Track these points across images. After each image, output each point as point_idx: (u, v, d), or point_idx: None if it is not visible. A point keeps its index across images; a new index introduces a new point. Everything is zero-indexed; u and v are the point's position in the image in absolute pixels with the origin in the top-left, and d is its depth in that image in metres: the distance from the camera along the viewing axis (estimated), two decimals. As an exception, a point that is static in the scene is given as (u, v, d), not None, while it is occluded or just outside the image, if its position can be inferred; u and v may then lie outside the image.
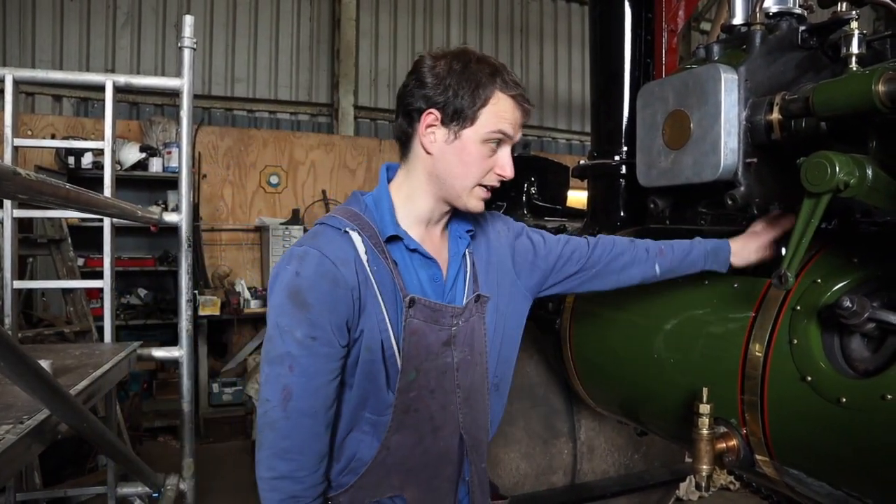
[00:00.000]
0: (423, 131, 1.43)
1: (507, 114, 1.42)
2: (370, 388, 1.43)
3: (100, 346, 2.50)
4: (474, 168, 1.43)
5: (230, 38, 7.39)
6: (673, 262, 1.74)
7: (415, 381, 1.44)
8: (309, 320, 1.34)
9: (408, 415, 1.45)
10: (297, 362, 1.34)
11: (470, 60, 1.41)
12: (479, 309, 1.56)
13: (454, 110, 1.40)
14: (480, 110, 1.40)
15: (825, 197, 1.30)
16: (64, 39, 6.73)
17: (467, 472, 1.56)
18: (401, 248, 1.47)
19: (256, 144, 7.08)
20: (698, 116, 1.67)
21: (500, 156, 1.46)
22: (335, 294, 1.35)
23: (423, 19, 8.38)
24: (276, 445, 1.36)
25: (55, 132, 6.27)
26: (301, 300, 1.34)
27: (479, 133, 1.41)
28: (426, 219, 1.51)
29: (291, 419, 1.35)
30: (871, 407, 1.27)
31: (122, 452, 2.13)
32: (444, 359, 1.48)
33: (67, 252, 4.67)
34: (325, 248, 1.37)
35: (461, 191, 1.45)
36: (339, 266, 1.36)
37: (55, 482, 3.78)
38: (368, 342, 1.39)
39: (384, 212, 1.47)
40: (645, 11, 2.44)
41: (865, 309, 1.29)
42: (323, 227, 1.45)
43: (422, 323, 1.43)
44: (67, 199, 1.27)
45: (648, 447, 2.88)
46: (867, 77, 1.27)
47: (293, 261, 1.38)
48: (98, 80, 2.65)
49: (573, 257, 1.71)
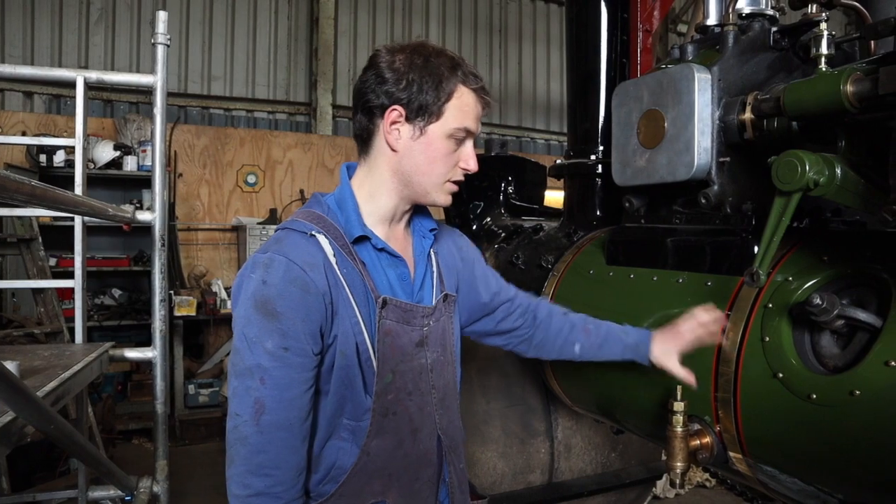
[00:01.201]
0: (387, 128, 1.40)
1: (471, 108, 1.41)
2: (347, 393, 1.39)
3: (70, 346, 2.45)
4: (441, 164, 1.42)
5: (207, 36, 7.32)
6: (593, 347, 1.76)
7: (392, 383, 1.42)
8: (280, 330, 1.29)
9: (387, 418, 1.42)
10: (268, 374, 1.29)
11: (430, 54, 1.39)
12: (448, 309, 1.55)
13: (419, 106, 1.37)
14: (445, 105, 1.38)
15: (796, 195, 1.31)
16: (35, 35, 6.62)
17: (447, 473, 1.55)
18: (368, 249, 1.44)
19: (233, 143, 7.01)
20: (672, 115, 1.69)
21: (465, 149, 1.45)
22: (306, 301, 1.31)
23: (402, 19, 8.37)
24: (250, 461, 1.30)
25: (26, 129, 6.16)
26: (270, 309, 1.29)
27: (444, 128, 1.39)
28: (389, 217, 1.48)
29: (265, 433, 1.30)
30: (840, 403, 1.29)
31: (93, 455, 2.09)
32: (418, 360, 1.46)
33: (38, 251, 4.58)
34: (291, 253, 1.33)
35: (430, 187, 1.44)
36: (309, 271, 1.31)
37: (25, 487, 3.70)
38: (343, 347, 1.36)
39: (349, 212, 1.43)
40: (621, 12, 2.45)
41: (835, 306, 1.31)
42: (287, 231, 1.40)
43: (394, 324, 1.41)
44: (33, 195, 1.24)
45: (625, 445, 2.90)
46: (835, 77, 1.29)
47: (258, 269, 1.32)
48: (69, 75, 2.60)
49: (515, 313, 1.76)
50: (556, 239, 2.49)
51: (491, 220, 3.04)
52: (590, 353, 1.77)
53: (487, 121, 8.93)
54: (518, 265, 2.54)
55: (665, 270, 1.87)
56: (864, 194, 1.31)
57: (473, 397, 2.62)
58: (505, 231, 2.87)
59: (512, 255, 2.61)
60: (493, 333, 1.78)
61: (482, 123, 1.51)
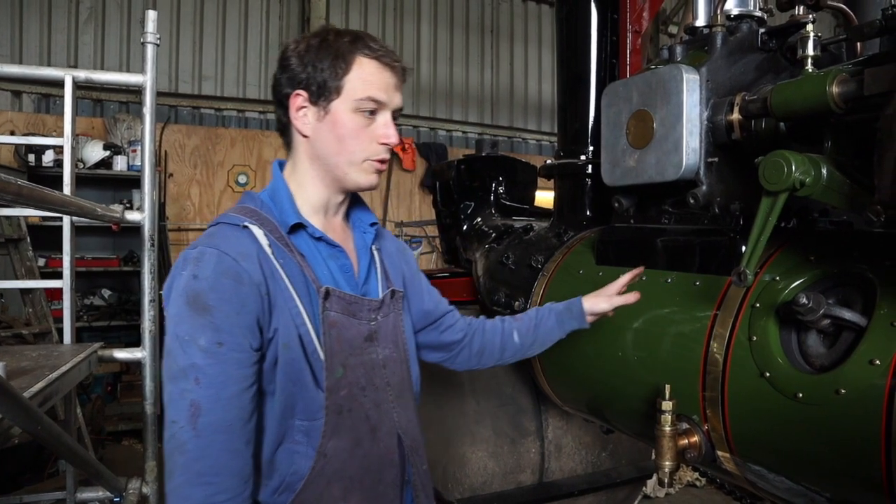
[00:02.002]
0: (294, 115, 1.39)
1: (374, 77, 1.36)
2: (296, 390, 1.33)
3: (59, 347, 2.43)
4: (351, 141, 1.37)
5: (197, 36, 7.30)
6: (529, 329, 1.79)
7: (343, 377, 1.36)
8: (213, 325, 1.22)
9: (342, 416, 1.35)
10: (203, 373, 1.21)
11: (328, 34, 1.37)
12: (396, 305, 1.51)
13: (318, 85, 1.35)
14: (344, 79, 1.35)
15: (782, 195, 1.32)
16: (24, 34, 6.58)
17: (410, 474, 1.49)
18: (305, 239, 1.40)
19: (224, 143, 7.00)
20: (661, 116, 1.69)
21: (379, 123, 1.39)
22: (240, 292, 1.25)
23: (394, 19, 8.37)
24: (189, 470, 1.20)
25: (14, 129, 6.12)
26: (201, 304, 1.22)
27: (348, 103, 1.36)
28: (322, 207, 1.45)
29: (203, 437, 1.20)
30: (826, 401, 1.30)
31: (81, 456, 2.07)
32: (369, 355, 1.42)
33: (26, 251, 4.56)
34: (222, 244, 1.27)
35: (347, 168, 1.39)
36: (241, 261, 1.26)
37: (13, 489, 3.68)
38: (285, 339, 1.30)
39: (283, 202, 1.40)
40: (610, 12, 2.46)
41: (821, 306, 1.32)
42: (218, 226, 1.35)
43: (340, 315, 1.36)
44: (19, 195, 1.23)
45: (615, 445, 2.90)
46: (822, 78, 1.30)
47: (188, 265, 1.26)
48: (57, 74, 2.58)
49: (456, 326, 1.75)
50: (546, 239, 2.50)
51: (481, 220, 3.05)
52: (529, 336, 1.78)
53: (479, 121, 8.95)
54: (508, 265, 2.54)
55: (654, 270, 1.87)
56: (850, 194, 1.32)
57: (464, 398, 2.62)
58: (495, 231, 2.87)
59: (502, 255, 2.61)
60: (437, 346, 1.75)
61: (473, 124, 1.51)
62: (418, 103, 8.57)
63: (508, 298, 2.44)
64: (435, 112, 8.67)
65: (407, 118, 8.49)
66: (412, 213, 8.43)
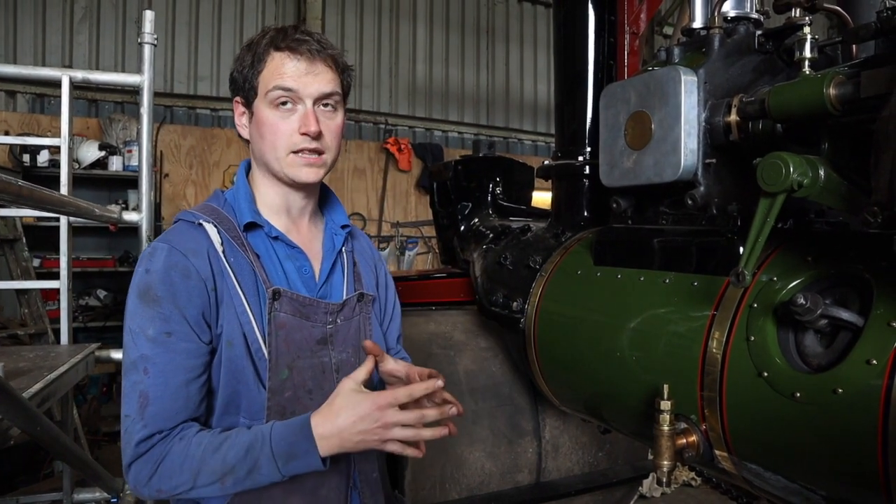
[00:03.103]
0: (238, 121, 1.44)
1: (284, 67, 1.35)
2: (239, 387, 1.33)
3: (56, 348, 2.43)
4: (271, 136, 1.37)
5: (193, 36, 7.28)
6: None
7: (288, 379, 1.36)
8: (161, 315, 1.25)
9: (284, 417, 1.34)
10: (151, 363, 1.24)
11: (260, 36, 1.39)
12: (364, 308, 1.49)
13: (244, 89, 1.38)
14: (259, 77, 1.37)
15: (780, 197, 1.33)
16: (18, 33, 6.55)
17: (357, 481, 1.47)
18: (262, 238, 1.41)
19: (220, 143, 6.98)
20: (659, 117, 1.70)
21: (299, 114, 1.37)
22: (187, 285, 1.28)
23: (390, 20, 8.37)
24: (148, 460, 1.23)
25: (9, 129, 6.10)
26: (152, 296, 1.26)
27: (263, 99, 1.37)
28: (283, 208, 1.46)
29: (150, 426, 1.23)
30: (824, 401, 1.31)
31: (79, 457, 2.07)
32: (320, 358, 1.41)
33: (22, 252, 4.54)
34: (174, 240, 1.32)
35: (276, 163, 1.39)
36: (190, 257, 1.30)
37: (8, 490, 3.67)
38: (229, 336, 1.31)
39: (241, 201, 1.42)
40: (608, 14, 2.47)
41: (818, 306, 1.32)
42: (178, 223, 1.39)
43: (290, 317, 1.36)
44: (20, 195, 1.23)
45: (612, 445, 2.91)
46: (818, 81, 1.31)
47: (143, 260, 1.31)
48: (54, 74, 2.58)
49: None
50: (544, 239, 2.50)
51: (479, 221, 3.05)
52: None
53: (475, 121, 8.96)
54: (506, 266, 2.55)
55: (652, 271, 1.88)
56: (847, 196, 1.33)
57: (462, 398, 2.62)
58: (493, 232, 2.88)
59: (500, 255, 2.61)
60: None
61: (469, 124, 1.52)
62: (414, 104, 8.57)
63: (506, 299, 2.45)
64: (431, 112, 8.68)
65: (403, 119, 8.49)
66: (408, 213, 8.44)
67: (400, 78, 8.48)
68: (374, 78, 8.28)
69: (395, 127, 8.43)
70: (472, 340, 2.78)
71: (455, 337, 2.78)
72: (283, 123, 1.36)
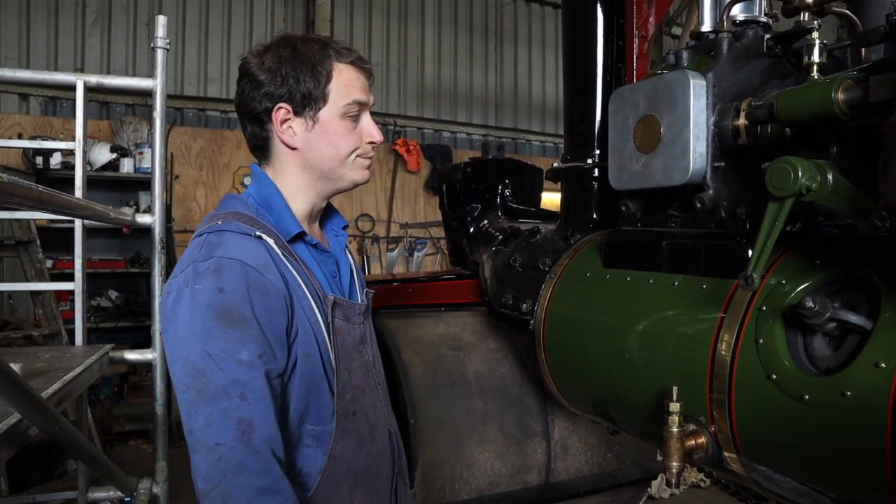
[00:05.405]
0: (279, 129, 1.39)
1: (355, 81, 1.41)
2: (312, 397, 1.35)
3: (71, 348, 2.46)
4: (345, 144, 1.41)
5: (203, 38, 7.33)
6: None
7: (348, 382, 1.40)
8: (252, 337, 1.20)
9: (349, 419, 1.39)
10: (249, 388, 1.18)
11: (296, 43, 1.39)
12: (370, 307, 1.58)
13: (302, 96, 1.36)
14: (328, 87, 1.38)
15: (789, 200, 1.34)
16: (31, 37, 6.61)
17: (397, 466, 1.56)
18: (302, 248, 1.42)
19: (230, 145, 7.03)
20: (668, 121, 1.71)
21: (364, 124, 1.45)
22: (269, 304, 1.24)
23: (398, 21, 8.39)
24: (252, 486, 1.18)
25: (22, 132, 6.16)
26: (237, 318, 1.19)
27: (335, 109, 1.39)
28: (307, 215, 1.48)
29: (262, 452, 1.19)
30: (832, 404, 1.32)
31: (95, 456, 2.10)
32: (363, 357, 1.47)
33: (36, 254, 4.59)
34: (241, 255, 1.24)
35: (344, 169, 1.43)
36: (265, 273, 1.25)
37: (23, 488, 3.71)
38: (305, 348, 1.31)
39: (281, 210, 1.40)
40: (617, 17, 2.48)
41: (827, 309, 1.33)
42: (223, 234, 1.29)
43: (342, 322, 1.40)
44: (40, 201, 1.26)
45: (621, 446, 2.92)
46: (827, 85, 1.32)
47: (206, 276, 1.21)
48: (69, 79, 2.61)
49: None
50: (553, 241, 2.51)
51: (488, 223, 3.07)
52: None
53: (483, 122, 8.97)
54: (516, 267, 2.56)
55: (661, 273, 1.89)
56: (855, 199, 1.34)
57: (471, 399, 2.64)
58: (502, 233, 2.89)
59: (509, 257, 2.63)
60: None
61: (478, 125, 1.55)
62: (423, 105, 8.59)
63: (516, 300, 2.46)
64: (439, 114, 8.69)
65: (411, 120, 8.51)
66: (417, 214, 8.46)
67: (408, 79, 8.50)
68: (383, 79, 8.30)
69: (403, 128, 8.45)
70: (481, 342, 2.80)
71: (464, 338, 2.79)
72: (353, 133, 1.43)
